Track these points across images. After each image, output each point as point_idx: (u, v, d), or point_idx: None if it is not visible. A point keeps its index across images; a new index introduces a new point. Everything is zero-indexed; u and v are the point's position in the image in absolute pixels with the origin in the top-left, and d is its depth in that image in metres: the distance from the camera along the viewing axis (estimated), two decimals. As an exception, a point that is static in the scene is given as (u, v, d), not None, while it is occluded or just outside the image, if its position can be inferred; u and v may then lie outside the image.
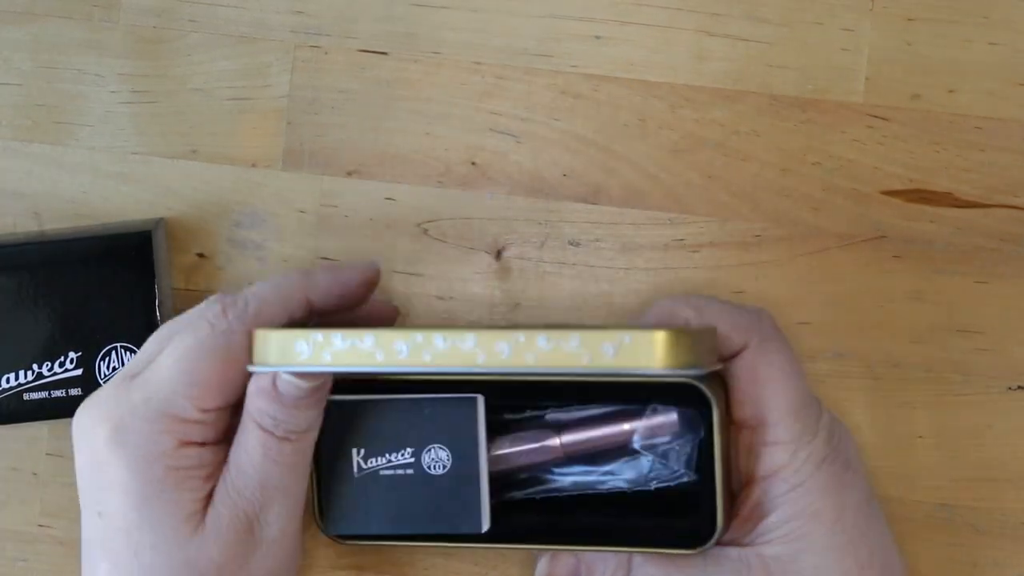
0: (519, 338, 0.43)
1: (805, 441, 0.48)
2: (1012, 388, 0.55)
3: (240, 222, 0.56)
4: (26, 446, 0.56)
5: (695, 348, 0.44)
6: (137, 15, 0.57)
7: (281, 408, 0.47)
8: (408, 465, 0.50)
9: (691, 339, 0.44)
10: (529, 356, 0.43)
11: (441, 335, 0.44)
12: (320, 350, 0.45)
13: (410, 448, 0.50)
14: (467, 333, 0.44)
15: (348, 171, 0.56)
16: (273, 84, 0.56)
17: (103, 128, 0.56)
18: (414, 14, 0.56)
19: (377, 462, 0.51)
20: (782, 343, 0.50)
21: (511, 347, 0.43)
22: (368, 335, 0.44)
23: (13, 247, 0.54)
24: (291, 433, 0.47)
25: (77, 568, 0.56)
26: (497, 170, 0.56)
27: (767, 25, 0.56)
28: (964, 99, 0.56)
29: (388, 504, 0.50)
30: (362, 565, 0.56)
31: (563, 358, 0.43)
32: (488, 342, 0.44)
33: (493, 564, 0.56)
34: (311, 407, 0.48)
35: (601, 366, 0.43)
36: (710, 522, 0.49)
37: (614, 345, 0.43)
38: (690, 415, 0.50)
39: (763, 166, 0.56)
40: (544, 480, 0.52)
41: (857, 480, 0.50)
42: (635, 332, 0.43)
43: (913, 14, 0.56)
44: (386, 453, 0.50)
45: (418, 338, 0.44)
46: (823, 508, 0.48)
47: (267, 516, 0.48)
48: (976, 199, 0.56)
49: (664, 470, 0.51)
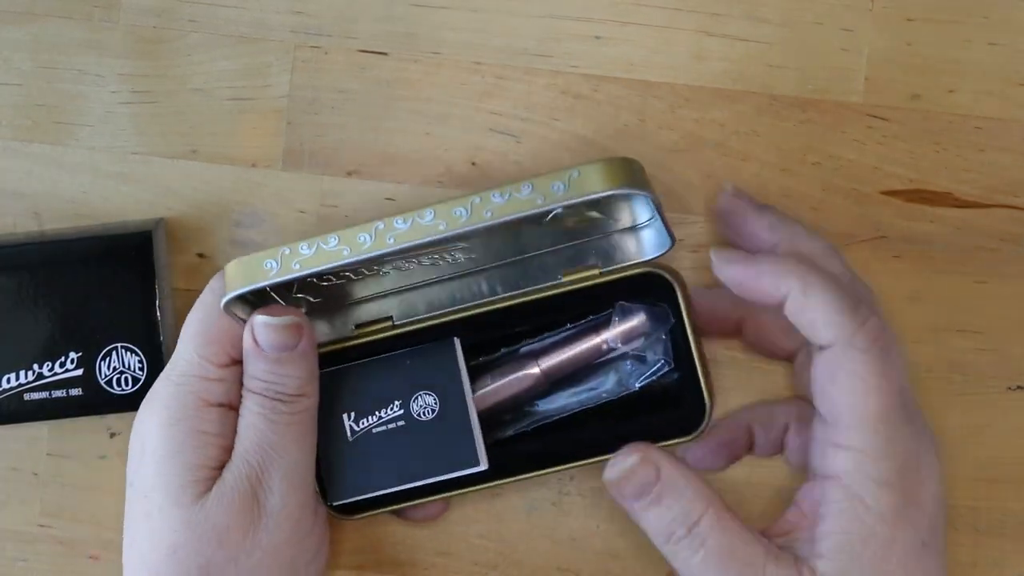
0: (475, 200, 0.47)
1: (875, 456, 0.46)
2: (1012, 388, 0.56)
3: (240, 222, 0.56)
4: (26, 446, 0.56)
5: (632, 173, 0.48)
6: (137, 15, 0.57)
7: (266, 364, 0.49)
8: (398, 418, 0.52)
9: (627, 166, 0.48)
10: (487, 212, 0.46)
11: (400, 217, 0.47)
12: (288, 261, 0.48)
13: (397, 401, 0.52)
14: (425, 210, 0.47)
15: (348, 171, 0.56)
16: (273, 84, 0.56)
17: (103, 128, 0.56)
18: (414, 14, 0.56)
19: (369, 421, 0.52)
20: (878, 351, 0.47)
21: (469, 209, 0.46)
22: (332, 236, 0.47)
23: (13, 247, 0.54)
24: (281, 395, 0.49)
25: (77, 568, 0.56)
26: (497, 170, 0.56)
27: (767, 25, 0.56)
28: (964, 99, 0.56)
29: (386, 460, 0.52)
30: (362, 565, 0.56)
31: (519, 205, 0.46)
32: (446, 211, 0.47)
33: (493, 564, 0.56)
34: (295, 363, 0.50)
35: (555, 201, 0.46)
36: (699, 407, 0.52)
37: (563, 182, 0.47)
38: (656, 310, 0.52)
39: (763, 166, 0.56)
40: (533, 412, 0.54)
41: (920, 518, 0.47)
42: (581, 167, 0.47)
43: (913, 14, 0.56)
44: (376, 411, 0.52)
45: (379, 225, 0.47)
46: (876, 534, 0.46)
47: (269, 483, 0.49)
48: (976, 199, 0.56)
49: (644, 367, 0.52)
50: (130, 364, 0.54)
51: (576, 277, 0.53)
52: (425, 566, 0.56)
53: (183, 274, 0.56)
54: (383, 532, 0.56)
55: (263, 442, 0.49)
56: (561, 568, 0.56)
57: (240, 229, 0.56)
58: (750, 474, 0.55)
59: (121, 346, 0.53)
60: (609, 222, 0.53)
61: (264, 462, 0.49)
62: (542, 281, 0.53)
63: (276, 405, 0.49)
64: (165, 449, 0.49)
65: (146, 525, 0.49)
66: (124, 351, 0.53)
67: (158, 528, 0.49)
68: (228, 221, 0.56)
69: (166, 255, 0.56)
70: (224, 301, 0.49)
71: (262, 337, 0.49)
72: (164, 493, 0.49)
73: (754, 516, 0.54)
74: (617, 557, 0.56)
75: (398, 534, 0.56)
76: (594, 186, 0.47)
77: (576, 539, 0.56)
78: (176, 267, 0.56)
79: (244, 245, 0.56)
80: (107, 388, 0.54)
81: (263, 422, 0.49)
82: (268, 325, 0.49)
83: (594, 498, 0.56)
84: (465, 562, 0.56)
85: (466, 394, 0.52)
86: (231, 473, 0.49)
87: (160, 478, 0.49)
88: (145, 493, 0.49)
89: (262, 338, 0.49)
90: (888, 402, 0.46)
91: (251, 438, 0.49)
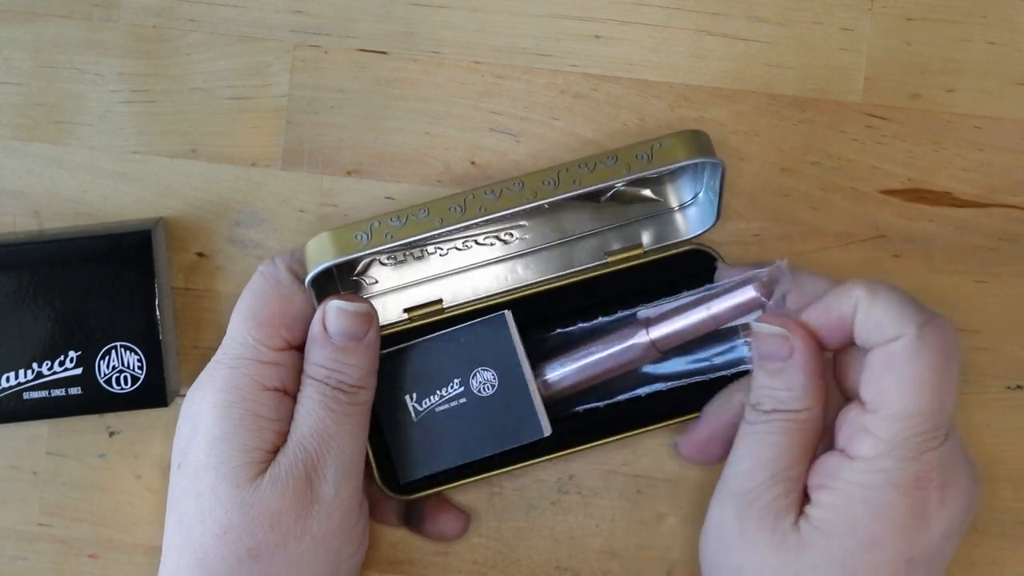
0: (562, 171, 0.49)
1: (898, 456, 0.45)
2: (1011, 388, 0.56)
3: (240, 221, 0.56)
4: (26, 445, 0.56)
5: (707, 144, 0.50)
6: (137, 15, 0.57)
7: (331, 352, 0.49)
8: (459, 395, 0.53)
9: (703, 137, 0.50)
10: (574, 182, 0.49)
11: (489, 188, 0.49)
12: (379, 232, 0.49)
13: (457, 379, 0.52)
14: (512, 181, 0.49)
15: (348, 170, 0.56)
16: (273, 84, 0.56)
17: (103, 128, 0.56)
18: (414, 14, 0.56)
19: (431, 401, 0.53)
20: (943, 354, 0.45)
21: (556, 180, 0.48)
22: (420, 208, 0.49)
23: (13, 247, 0.54)
24: (342, 384, 0.49)
25: (76, 567, 0.56)
26: (497, 169, 0.56)
27: (766, 25, 0.56)
28: (963, 99, 0.56)
29: (451, 437, 0.53)
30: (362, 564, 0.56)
31: (605, 175, 0.49)
32: (535, 181, 0.49)
33: (492, 563, 0.56)
34: (360, 353, 0.50)
35: (641, 170, 0.49)
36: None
37: (647, 152, 0.49)
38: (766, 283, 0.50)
39: (763, 165, 0.56)
40: (641, 379, 0.54)
41: (919, 536, 0.45)
42: (661, 138, 0.49)
43: (912, 14, 0.56)
44: (436, 391, 0.53)
45: (469, 196, 0.49)
46: (866, 530, 0.45)
47: (324, 470, 0.49)
48: (975, 198, 0.56)
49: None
50: (129, 363, 0.54)
51: (621, 257, 0.54)
52: (425, 565, 0.56)
53: (183, 273, 0.57)
54: (383, 532, 0.56)
55: (321, 430, 0.49)
56: (560, 567, 0.56)
57: (240, 228, 0.56)
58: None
59: (120, 345, 0.53)
60: (656, 201, 0.54)
61: (320, 450, 0.49)
62: (586, 262, 0.55)
63: (336, 394, 0.49)
64: (219, 430, 0.49)
65: (195, 505, 0.49)
66: (123, 350, 0.53)
67: (209, 508, 0.48)
68: (228, 220, 0.56)
69: (166, 254, 0.56)
70: (312, 274, 0.49)
71: (332, 323, 0.49)
72: (216, 474, 0.48)
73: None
74: (617, 557, 0.56)
75: (398, 534, 0.56)
76: (676, 155, 0.49)
77: (576, 538, 0.56)
78: (176, 266, 0.56)
79: (244, 245, 0.56)
80: (106, 387, 0.54)
81: (323, 409, 0.49)
82: (341, 311, 0.50)
83: (594, 498, 0.56)
84: (465, 561, 0.56)
85: (524, 368, 0.52)
86: (287, 458, 0.49)
87: (212, 459, 0.49)
88: (196, 474, 0.49)
89: (332, 324, 0.49)
90: (935, 407, 0.45)
91: (309, 424, 0.49)
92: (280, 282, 0.51)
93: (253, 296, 0.51)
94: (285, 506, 0.48)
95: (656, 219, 0.55)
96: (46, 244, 0.54)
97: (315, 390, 0.49)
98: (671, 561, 0.56)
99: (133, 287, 0.53)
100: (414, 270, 0.55)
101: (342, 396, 0.49)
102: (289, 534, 0.48)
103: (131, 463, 0.56)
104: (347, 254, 0.49)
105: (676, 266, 0.54)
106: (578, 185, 0.49)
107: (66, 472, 0.56)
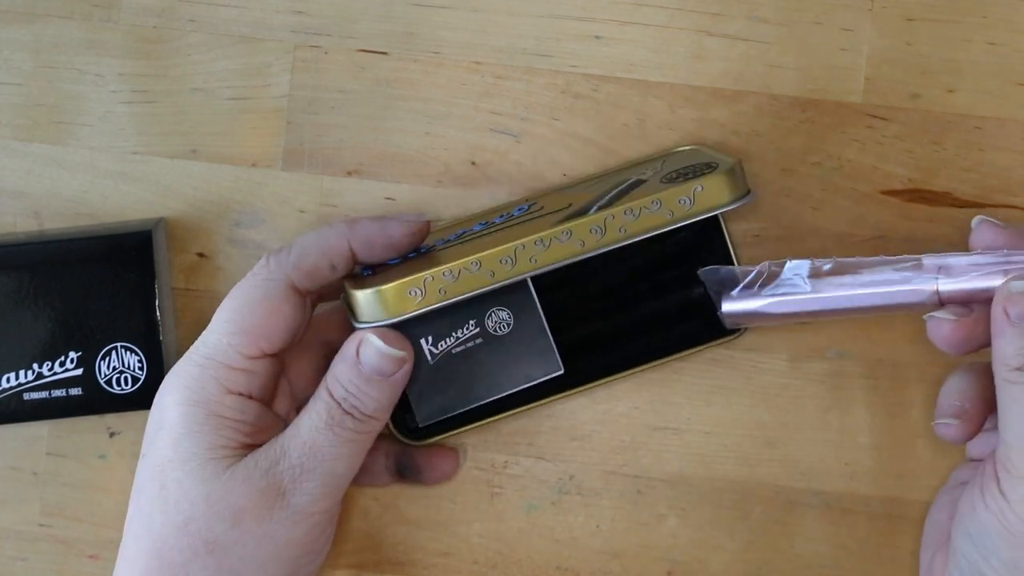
0: (608, 219, 0.49)
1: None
2: (1012, 388, 0.55)
3: (240, 222, 0.56)
4: (26, 445, 0.56)
5: (743, 181, 0.51)
6: (137, 15, 0.57)
7: (355, 377, 0.49)
8: (475, 336, 0.53)
9: (740, 174, 0.51)
10: (620, 230, 0.49)
11: (538, 238, 0.49)
12: (433, 288, 0.49)
13: (472, 320, 0.53)
14: (559, 229, 0.49)
15: (348, 171, 0.56)
16: (273, 84, 0.56)
17: (103, 128, 0.56)
18: (414, 14, 0.56)
19: (446, 343, 0.53)
20: None
21: (603, 228, 0.49)
22: (472, 261, 0.49)
23: (13, 247, 0.54)
24: (355, 410, 0.49)
25: (77, 567, 0.56)
26: (497, 170, 0.56)
27: (766, 25, 0.56)
28: (963, 99, 0.56)
29: (468, 378, 0.53)
30: (362, 564, 0.56)
31: (651, 222, 0.49)
32: (582, 230, 0.49)
33: (493, 563, 0.56)
34: (383, 388, 0.49)
35: (684, 217, 0.50)
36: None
37: (688, 196, 0.49)
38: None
39: (763, 166, 0.56)
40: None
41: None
42: (702, 180, 0.50)
43: (912, 14, 0.56)
44: (452, 333, 0.53)
45: (520, 247, 0.49)
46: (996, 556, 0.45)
47: (304, 484, 0.49)
48: (975, 199, 0.56)
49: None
50: (130, 364, 0.54)
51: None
52: (425, 566, 0.56)
53: (183, 274, 0.56)
54: (383, 532, 0.56)
55: (317, 446, 0.49)
56: (561, 567, 0.56)
57: (240, 229, 0.56)
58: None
59: (121, 346, 0.53)
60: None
61: (308, 464, 0.49)
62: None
63: (346, 419, 0.49)
64: (184, 428, 0.49)
65: (160, 495, 0.49)
66: (124, 351, 0.54)
67: (174, 500, 0.48)
68: (228, 221, 0.56)
69: (166, 254, 0.56)
70: (361, 326, 0.49)
71: (367, 356, 0.49)
72: (183, 469, 0.48)
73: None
74: (617, 557, 0.56)
75: (398, 534, 0.56)
76: (718, 200, 0.50)
77: (576, 539, 0.56)
78: (176, 267, 0.56)
79: (244, 245, 0.56)
80: (107, 388, 0.54)
81: (326, 427, 0.49)
82: (379, 351, 0.49)
83: (594, 498, 0.56)
84: (465, 562, 0.56)
85: (538, 307, 0.53)
86: (264, 459, 0.49)
87: (178, 455, 0.49)
88: (162, 467, 0.49)
89: (366, 357, 0.49)
90: None
91: (305, 437, 0.49)
92: (270, 292, 0.50)
93: (240, 299, 0.50)
94: (250, 505, 0.48)
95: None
96: (46, 244, 0.54)
97: (326, 407, 0.49)
98: (671, 561, 0.56)
99: (133, 287, 0.53)
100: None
101: (350, 422, 0.49)
102: (249, 533, 0.48)
103: (132, 464, 0.56)
104: (401, 314, 0.49)
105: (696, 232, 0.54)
106: (624, 234, 0.49)
107: (66, 473, 0.56)
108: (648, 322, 0.55)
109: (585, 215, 0.49)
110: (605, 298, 0.55)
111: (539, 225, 0.50)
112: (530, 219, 0.52)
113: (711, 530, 0.55)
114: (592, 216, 0.49)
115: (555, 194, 0.55)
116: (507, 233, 0.51)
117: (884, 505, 0.55)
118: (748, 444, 0.56)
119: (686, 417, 0.56)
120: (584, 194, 0.53)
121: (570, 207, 0.51)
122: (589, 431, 0.56)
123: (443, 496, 0.56)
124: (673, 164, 0.53)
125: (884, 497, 0.55)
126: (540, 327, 0.53)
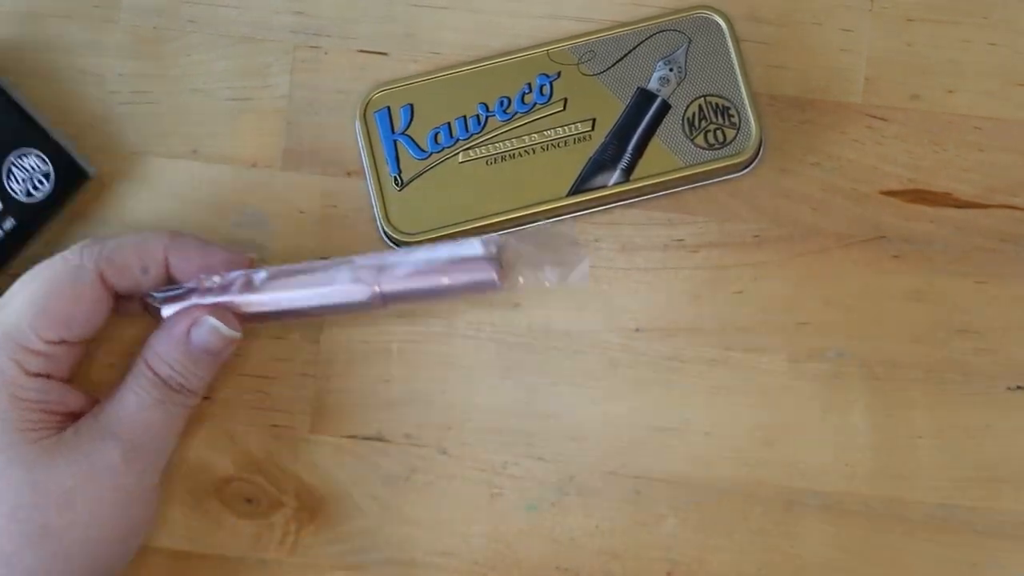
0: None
1: None
2: (1012, 388, 0.55)
3: (240, 222, 0.56)
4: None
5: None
6: (137, 15, 0.57)
7: (183, 356, 0.49)
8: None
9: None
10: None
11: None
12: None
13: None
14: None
15: (348, 171, 0.56)
16: (273, 84, 0.56)
17: (103, 128, 0.56)
18: (414, 14, 0.56)
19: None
20: None
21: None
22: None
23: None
24: (183, 388, 0.50)
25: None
26: (497, 170, 0.56)
27: (767, 25, 0.56)
28: (963, 99, 0.56)
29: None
30: (362, 564, 0.56)
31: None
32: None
33: (493, 564, 0.56)
34: (210, 366, 0.50)
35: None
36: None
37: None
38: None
39: (762, 166, 0.56)
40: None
41: None
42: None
43: (912, 15, 0.56)
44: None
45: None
46: None
47: (133, 462, 0.49)
48: (975, 199, 0.56)
49: None
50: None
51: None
52: (425, 566, 0.56)
53: (183, 274, 0.56)
54: (383, 532, 0.56)
55: (146, 423, 0.49)
56: (561, 568, 0.56)
57: (240, 229, 0.56)
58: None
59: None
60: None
61: (139, 441, 0.49)
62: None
63: (173, 395, 0.50)
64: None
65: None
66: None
67: (1, 489, 0.48)
68: (228, 221, 0.56)
69: None
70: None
71: (200, 336, 0.50)
72: (3, 456, 0.48)
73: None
74: (617, 557, 0.56)
75: (398, 534, 0.56)
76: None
77: (576, 539, 0.56)
78: (176, 267, 0.56)
79: (244, 245, 0.56)
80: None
81: (157, 405, 0.49)
82: (216, 330, 0.50)
83: (594, 498, 0.56)
84: (465, 562, 0.56)
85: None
86: (89, 439, 0.48)
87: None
88: None
89: (200, 337, 0.50)
90: None
91: (132, 415, 0.49)
92: (79, 279, 0.49)
93: (46, 283, 0.49)
94: (79, 486, 0.48)
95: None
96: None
97: (152, 385, 0.49)
98: (671, 561, 0.56)
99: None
100: None
101: (177, 397, 0.50)
102: (80, 516, 0.48)
103: (131, 464, 0.56)
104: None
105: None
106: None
107: (66, 473, 0.56)
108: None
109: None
110: None
111: None
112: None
113: (711, 530, 0.55)
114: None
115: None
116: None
117: (884, 505, 0.55)
118: (748, 444, 0.56)
119: (686, 417, 0.56)
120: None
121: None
122: (589, 431, 0.56)
123: (443, 496, 0.56)
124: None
125: (884, 497, 0.55)
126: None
